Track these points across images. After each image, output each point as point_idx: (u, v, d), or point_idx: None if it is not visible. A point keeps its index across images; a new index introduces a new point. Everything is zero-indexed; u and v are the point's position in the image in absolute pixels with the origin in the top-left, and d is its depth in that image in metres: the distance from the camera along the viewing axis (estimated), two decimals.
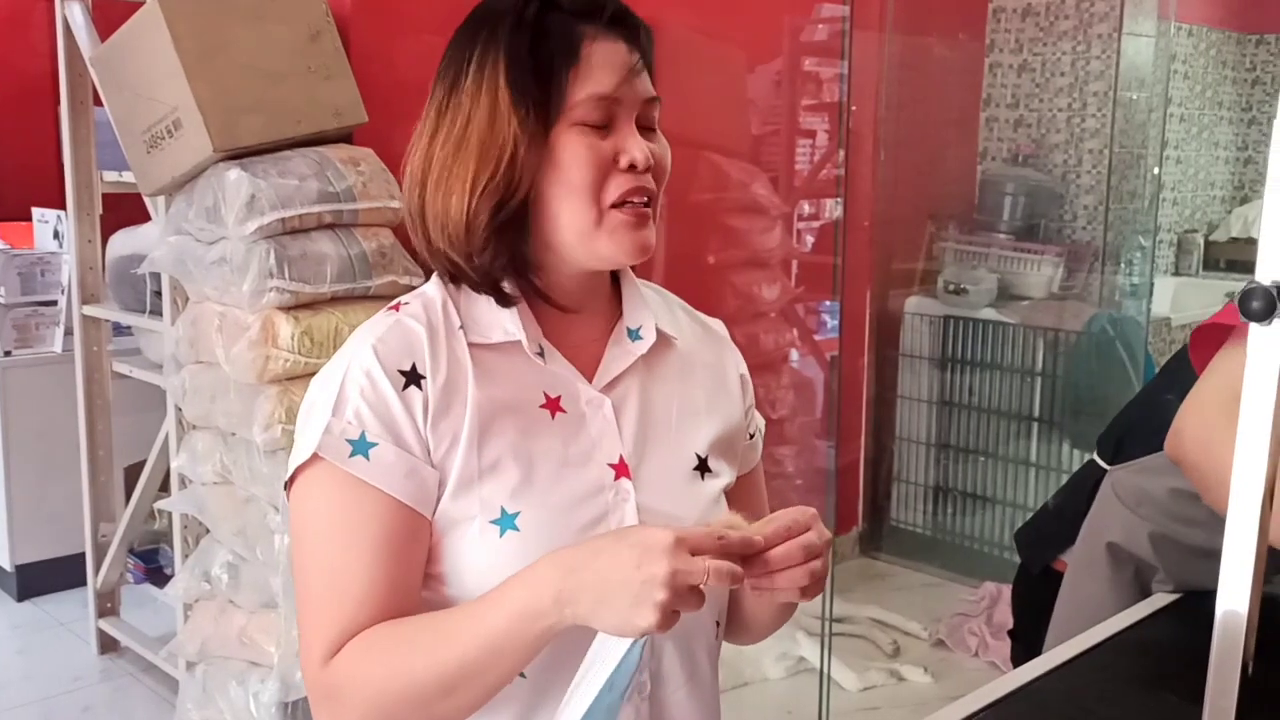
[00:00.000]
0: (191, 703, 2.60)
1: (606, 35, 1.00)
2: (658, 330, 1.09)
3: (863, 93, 3.92)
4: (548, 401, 1.03)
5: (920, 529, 4.13)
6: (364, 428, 0.97)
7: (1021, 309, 3.85)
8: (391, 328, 1.01)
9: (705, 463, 1.10)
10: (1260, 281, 0.82)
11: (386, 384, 0.98)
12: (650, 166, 1.01)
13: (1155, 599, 1.66)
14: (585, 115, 0.99)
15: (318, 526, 0.99)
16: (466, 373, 1.00)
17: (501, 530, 0.99)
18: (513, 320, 1.02)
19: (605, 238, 1.00)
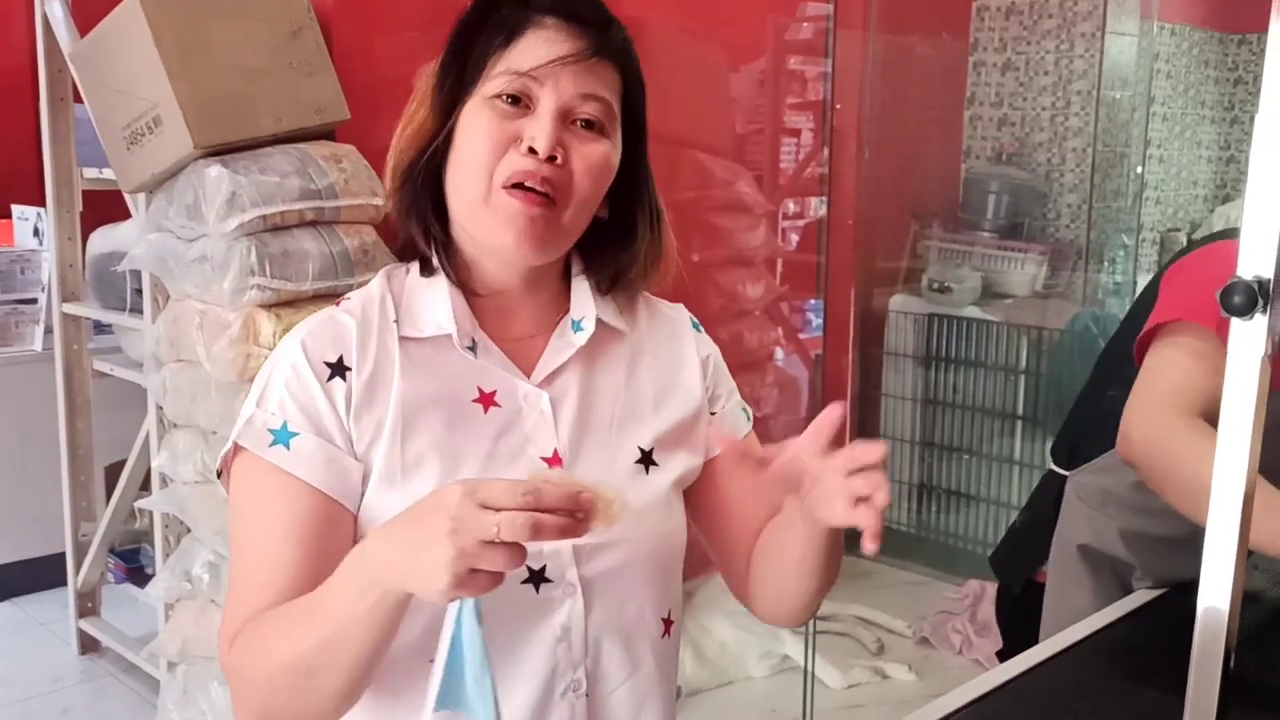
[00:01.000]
0: (172, 703, 2.59)
1: (558, 25, 1.00)
2: (599, 321, 1.08)
3: (847, 91, 3.92)
4: (481, 396, 1.03)
5: (904, 527, 4.14)
6: (285, 418, 0.98)
7: (1005, 307, 3.87)
8: (323, 323, 1.03)
9: (649, 456, 1.08)
10: (1242, 276, 0.82)
11: (310, 375, 0.99)
12: (556, 157, 0.98)
13: (1135, 596, 1.66)
14: (499, 88, 0.98)
15: (240, 514, 1.00)
16: (393, 365, 1.01)
17: None
18: (446, 314, 1.02)
19: (489, 218, 0.99)
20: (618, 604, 1.05)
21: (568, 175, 0.99)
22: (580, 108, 1.00)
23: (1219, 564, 0.90)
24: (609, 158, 1.02)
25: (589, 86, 0.99)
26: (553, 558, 1.01)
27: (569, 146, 0.99)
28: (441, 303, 1.03)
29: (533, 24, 0.99)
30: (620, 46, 1.03)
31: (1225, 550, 0.89)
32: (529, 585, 1.01)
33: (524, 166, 0.97)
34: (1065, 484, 1.75)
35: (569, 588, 1.02)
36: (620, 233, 1.08)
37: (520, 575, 1.00)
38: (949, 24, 4.26)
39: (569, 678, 1.03)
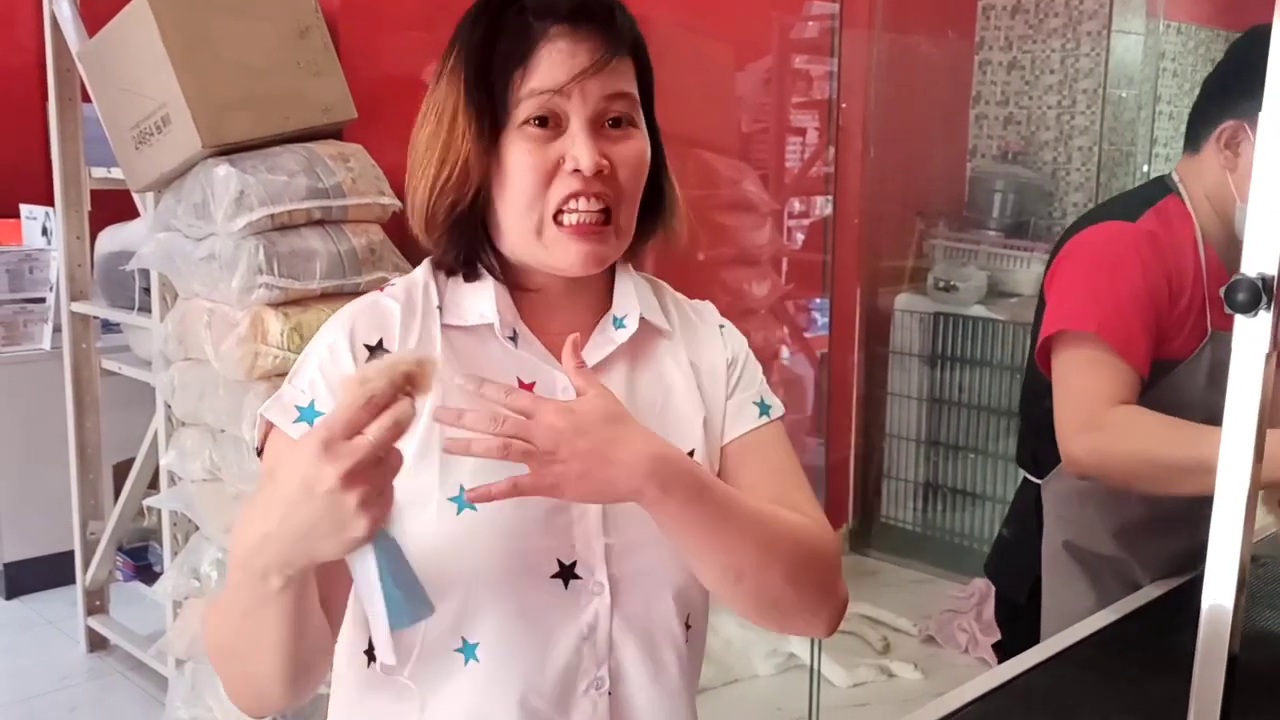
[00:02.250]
0: (180, 701, 2.60)
1: (567, 32, 0.98)
2: (642, 319, 1.07)
3: (852, 90, 3.93)
4: (521, 386, 1.02)
5: (910, 526, 4.14)
6: (314, 396, 0.98)
7: (1011, 306, 3.86)
8: (367, 306, 1.03)
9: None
10: (1245, 274, 0.83)
11: (347, 357, 0.99)
12: (602, 169, 0.97)
13: (1139, 594, 1.67)
14: (528, 113, 0.97)
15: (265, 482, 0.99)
16: (435, 350, 1.01)
17: (459, 508, 0.98)
18: (489, 304, 1.02)
19: (545, 252, 0.99)
20: (644, 605, 1.05)
21: (617, 182, 0.99)
22: (610, 109, 0.99)
23: (1223, 561, 0.90)
24: (644, 148, 1.02)
25: (613, 86, 0.99)
26: (584, 554, 1.01)
27: (610, 154, 0.98)
28: (485, 294, 1.03)
29: (544, 39, 0.97)
30: (629, 35, 1.02)
31: (1230, 546, 0.89)
32: (558, 580, 1.01)
33: (575, 187, 0.97)
34: (1040, 492, 1.76)
35: (598, 585, 1.02)
36: (648, 203, 1.07)
37: (550, 569, 1.00)
38: (954, 23, 4.25)
39: (592, 675, 1.03)
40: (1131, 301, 1.56)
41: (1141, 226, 1.60)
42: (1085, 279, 1.60)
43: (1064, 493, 1.72)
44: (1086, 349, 1.56)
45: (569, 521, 1.01)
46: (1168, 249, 1.58)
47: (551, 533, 1.00)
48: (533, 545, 1.00)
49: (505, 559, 0.99)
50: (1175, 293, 1.58)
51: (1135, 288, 1.56)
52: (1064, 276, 1.65)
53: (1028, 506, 1.80)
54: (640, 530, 1.02)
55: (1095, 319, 1.55)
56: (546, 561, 1.00)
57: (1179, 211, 1.62)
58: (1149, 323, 1.56)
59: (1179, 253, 1.59)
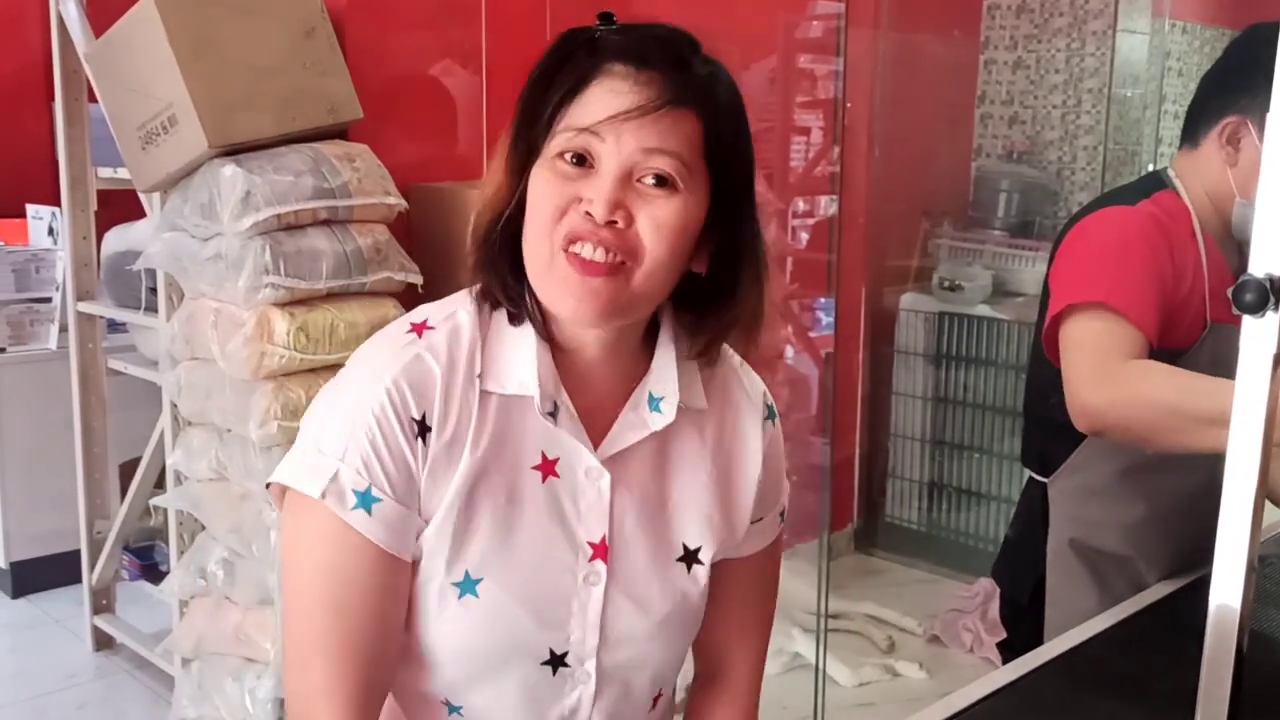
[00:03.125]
0: (187, 700, 2.60)
1: (626, 73, 0.92)
2: (680, 406, 1.01)
3: (858, 89, 3.92)
4: (543, 462, 0.99)
5: (915, 525, 4.14)
6: (371, 481, 0.94)
7: (1016, 305, 3.86)
8: (410, 364, 0.96)
9: (694, 554, 1.05)
10: (1254, 274, 0.83)
11: (398, 435, 0.94)
12: (615, 220, 0.91)
13: (1145, 594, 1.66)
14: (560, 147, 0.92)
15: (315, 568, 0.97)
16: (469, 428, 0.96)
17: (460, 593, 0.98)
18: (530, 373, 0.97)
19: (552, 285, 0.93)
20: (624, 690, 1.06)
21: (634, 238, 0.92)
22: (645, 164, 0.91)
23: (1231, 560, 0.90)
24: (682, 216, 0.93)
25: (656, 141, 0.91)
26: (577, 646, 1.01)
27: (633, 207, 0.91)
28: (527, 360, 0.97)
29: (601, 73, 0.92)
30: (700, 89, 0.94)
31: (1237, 547, 0.89)
32: (548, 667, 1.01)
33: (581, 227, 0.91)
34: (1047, 490, 1.76)
35: (584, 675, 1.03)
36: (721, 290, 0.99)
37: (542, 657, 1.00)
38: (960, 22, 4.25)
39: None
40: (1139, 273, 1.54)
41: (1143, 209, 1.60)
42: (1090, 256, 1.59)
43: (1071, 490, 1.72)
44: (1096, 317, 1.52)
45: (568, 614, 1.00)
46: (1168, 230, 1.58)
47: (551, 625, 1.00)
48: (528, 636, 1.00)
49: (501, 646, 1.00)
50: (1178, 275, 1.57)
51: (1143, 260, 1.55)
52: (1068, 258, 1.63)
53: (1033, 506, 1.80)
54: (634, 626, 1.03)
55: (1103, 289, 1.53)
56: (539, 650, 1.01)
57: (1175, 205, 1.62)
58: (1158, 294, 1.54)
59: (1179, 237, 1.59)
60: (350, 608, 0.95)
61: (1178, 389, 1.44)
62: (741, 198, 0.98)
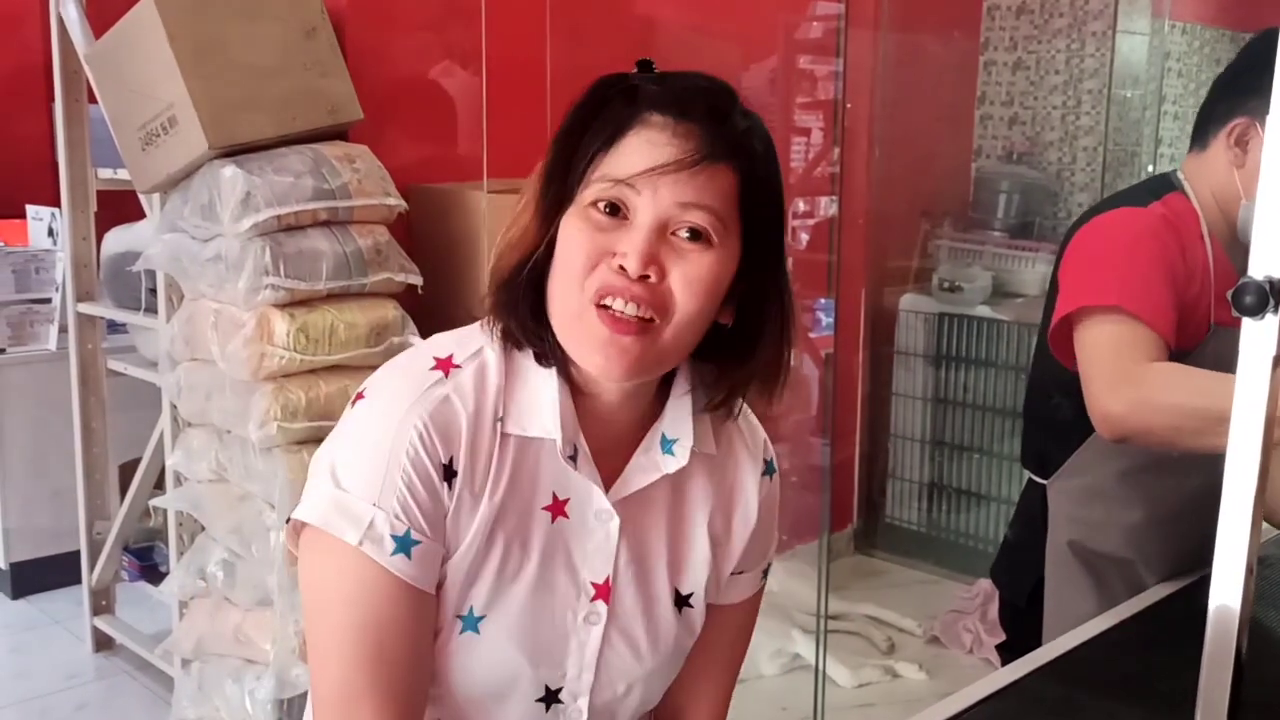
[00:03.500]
0: (187, 700, 2.60)
1: (665, 124, 0.90)
2: (693, 452, 1.01)
3: (858, 90, 3.92)
4: (554, 503, 0.99)
5: (915, 526, 4.14)
6: (410, 525, 0.93)
7: (1016, 306, 3.86)
8: (439, 407, 0.94)
9: (686, 599, 1.06)
10: (1253, 277, 0.83)
11: (432, 477, 0.93)
12: (649, 275, 0.89)
13: (1145, 595, 1.66)
14: (594, 197, 0.90)
15: (352, 618, 0.94)
16: (490, 471, 0.96)
17: (463, 628, 0.98)
18: (553, 417, 0.96)
19: (580, 337, 0.92)
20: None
21: (666, 293, 0.90)
22: (681, 218, 0.90)
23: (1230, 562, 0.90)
24: (715, 271, 0.92)
25: (692, 195, 0.89)
26: (571, 683, 1.02)
27: (666, 262, 0.90)
28: (550, 403, 0.96)
29: (638, 122, 0.91)
30: (738, 142, 0.93)
31: (1237, 548, 0.89)
32: (541, 704, 1.01)
33: (614, 283, 0.89)
34: (1046, 492, 1.76)
35: (576, 712, 1.03)
36: (744, 341, 0.98)
37: (537, 694, 1.01)
38: (960, 23, 4.25)
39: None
40: (1153, 274, 1.54)
41: (1154, 210, 1.60)
42: (1104, 257, 1.59)
43: (1071, 492, 1.72)
44: (1111, 321, 1.52)
45: (565, 652, 1.01)
46: (1178, 232, 1.58)
47: (548, 663, 1.00)
48: (526, 672, 1.00)
49: (497, 681, 1.00)
50: (1188, 276, 1.57)
51: (1155, 261, 1.54)
52: (1080, 257, 1.63)
53: (1032, 508, 1.80)
54: (628, 666, 1.04)
55: (1119, 292, 1.53)
56: (535, 686, 1.01)
57: (1184, 207, 1.62)
58: (1173, 295, 1.54)
59: (1188, 239, 1.59)
60: (393, 652, 0.94)
61: (1198, 390, 1.43)
62: (772, 249, 0.97)
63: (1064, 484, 1.73)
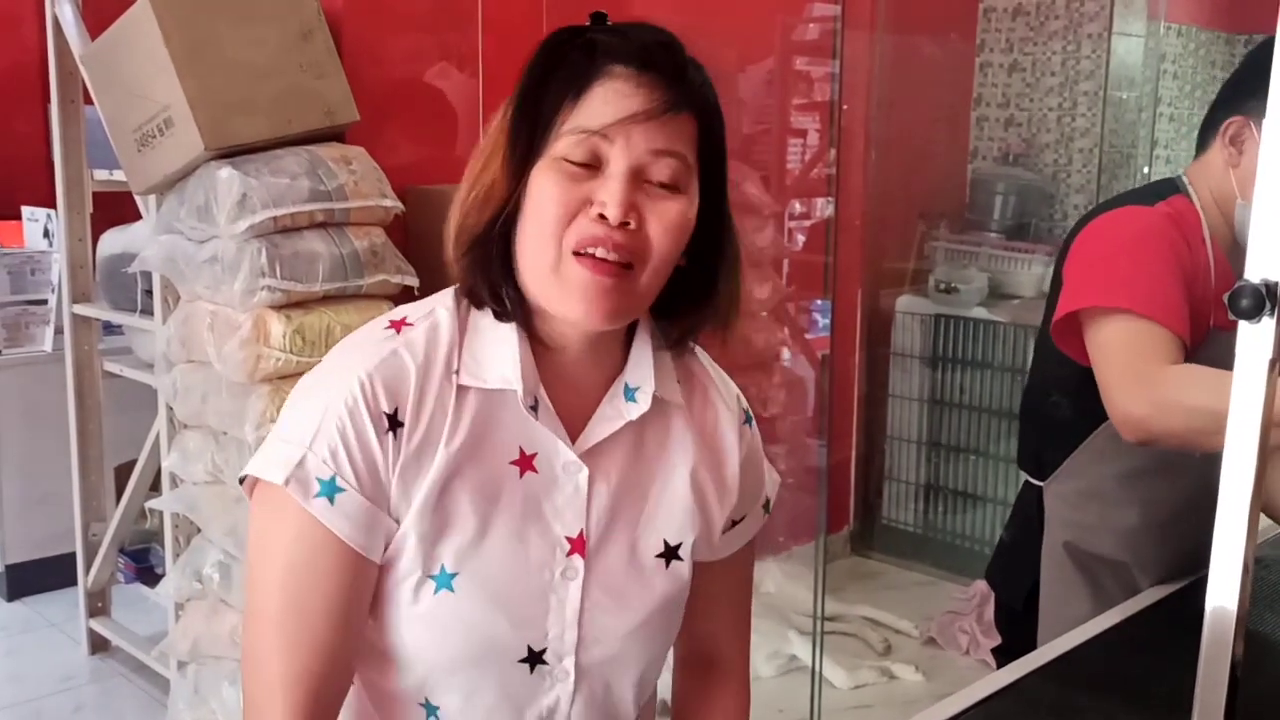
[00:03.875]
0: (183, 703, 2.60)
1: (629, 75, 0.93)
2: (655, 397, 1.02)
3: (854, 92, 3.93)
4: (521, 458, 0.99)
5: (911, 527, 4.14)
6: (336, 471, 0.93)
7: (1012, 308, 3.86)
8: (385, 360, 0.96)
9: (674, 550, 1.05)
10: (1249, 280, 0.83)
11: (368, 427, 0.94)
12: (629, 222, 0.91)
13: (1141, 596, 1.67)
14: (566, 150, 0.92)
15: (276, 559, 0.96)
16: (444, 424, 0.96)
17: (436, 587, 0.97)
18: (513, 368, 0.97)
19: (560, 287, 0.93)
20: (604, 689, 1.05)
21: (644, 239, 0.93)
22: (654, 165, 0.93)
23: (1227, 563, 0.90)
24: (686, 215, 0.95)
25: (663, 142, 0.93)
26: (555, 642, 1.01)
27: (643, 208, 0.93)
28: (509, 355, 0.97)
29: (602, 75, 0.93)
30: (698, 94, 0.96)
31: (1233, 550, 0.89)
32: (525, 664, 1.00)
33: (594, 232, 0.91)
34: (1042, 494, 1.76)
35: (563, 672, 1.02)
36: (698, 283, 1.01)
37: (519, 654, 1.00)
38: (956, 25, 4.26)
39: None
40: (1165, 272, 1.53)
41: (1160, 209, 1.60)
42: (1114, 254, 1.58)
43: (1066, 494, 1.72)
44: (1126, 320, 1.51)
45: (545, 610, 1.00)
46: (1184, 232, 1.59)
47: (527, 622, 1.00)
48: (506, 631, 0.99)
49: (477, 642, 0.99)
50: (1193, 276, 1.57)
51: (1165, 259, 1.54)
52: (1088, 253, 1.62)
53: (1028, 510, 1.80)
54: (613, 622, 1.03)
55: (1129, 293, 1.52)
56: (516, 647, 1.00)
57: (1187, 209, 1.63)
58: (1184, 293, 1.53)
59: (1193, 239, 1.60)
60: (309, 603, 0.95)
61: (1218, 391, 1.42)
62: (723, 191, 1.01)
63: (1060, 486, 1.73)
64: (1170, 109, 4.35)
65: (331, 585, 0.95)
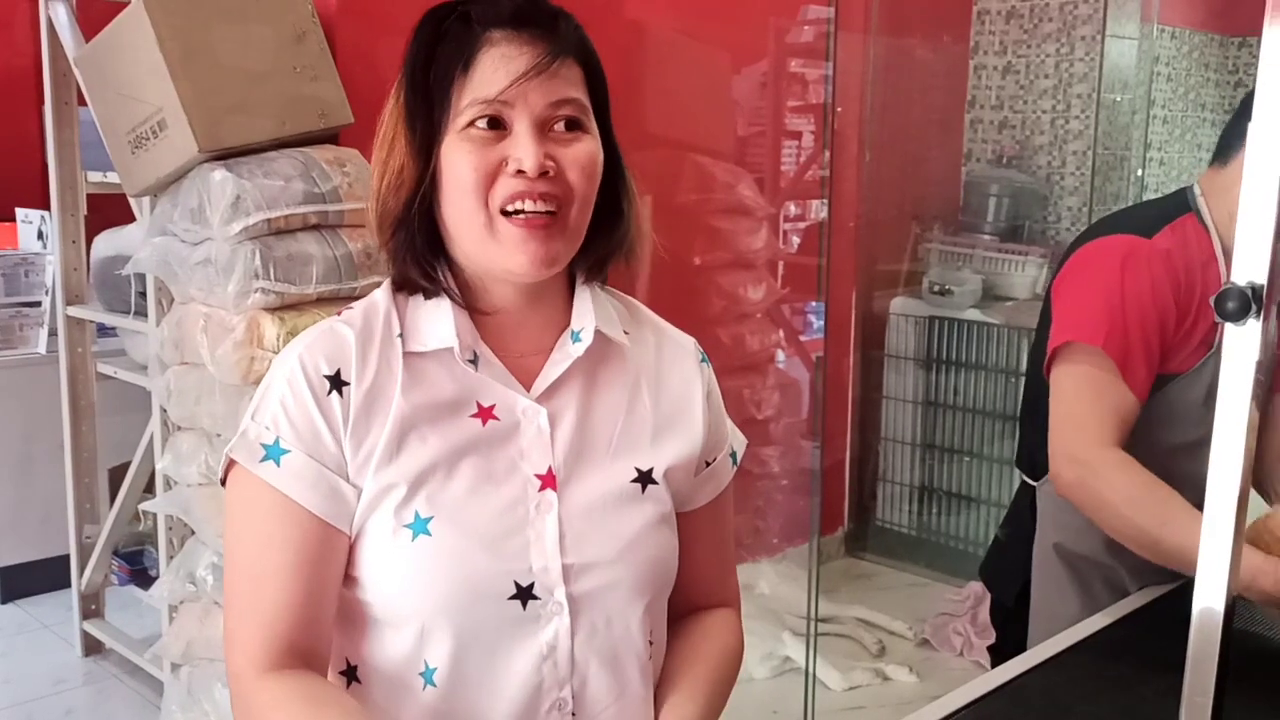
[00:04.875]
0: (176, 705, 2.60)
1: (509, 36, 0.97)
2: (598, 333, 1.06)
3: (848, 94, 3.93)
4: (479, 410, 1.02)
5: (905, 529, 4.15)
6: (278, 434, 0.98)
7: (1006, 310, 3.87)
8: (322, 334, 1.02)
9: (647, 475, 1.07)
10: (1235, 283, 0.84)
11: (306, 391, 0.98)
12: (547, 172, 0.97)
13: (1132, 598, 1.67)
14: (468, 120, 0.97)
15: (237, 528, 1.01)
16: (395, 380, 1.00)
17: (414, 534, 0.99)
18: (449, 328, 1.01)
19: (497, 247, 0.98)
20: (605, 624, 1.05)
21: (564, 183, 0.98)
22: (556, 114, 0.98)
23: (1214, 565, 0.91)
24: (595, 153, 1.01)
25: (558, 92, 0.98)
26: (541, 575, 1.01)
27: (557, 156, 0.98)
28: (445, 318, 1.02)
29: (484, 43, 0.97)
30: (574, 38, 1.01)
31: (1220, 551, 0.90)
32: (516, 601, 1.00)
33: (517, 188, 0.97)
34: (1036, 494, 1.77)
35: (556, 605, 1.01)
36: (606, 216, 1.06)
37: (507, 591, 1.00)
38: (949, 27, 4.26)
39: (554, 696, 1.03)
40: (1139, 323, 1.57)
41: (1157, 244, 1.60)
42: (1097, 292, 1.61)
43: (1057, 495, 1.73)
44: (1088, 364, 1.58)
45: (525, 543, 1.01)
46: (1179, 268, 1.59)
47: (507, 555, 1.00)
48: (487, 568, 1.00)
49: (460, 583, 0.99)
50: (1181, 312, 1.59)
51: (1144, 308, 1.57)
52: (1075, 285, 1.65)
53: (1022, 509, 1.81)
54: (600, 548, 1.03)
55: (1103, 333, 1.57)
56: (503, 583, 1.00)
57: (1195, 230, 1.63)
58: (1153, 347, 1.58)
59: (1190, 272, 1.60)
60: (270, 568, 0.98)
61: (1135, 504, 1.53)
62: (608, 126, 1.05)
63: (1051, 488, 1.73)
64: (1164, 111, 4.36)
65: (289, 545, 0.98)
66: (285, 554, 0.98)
